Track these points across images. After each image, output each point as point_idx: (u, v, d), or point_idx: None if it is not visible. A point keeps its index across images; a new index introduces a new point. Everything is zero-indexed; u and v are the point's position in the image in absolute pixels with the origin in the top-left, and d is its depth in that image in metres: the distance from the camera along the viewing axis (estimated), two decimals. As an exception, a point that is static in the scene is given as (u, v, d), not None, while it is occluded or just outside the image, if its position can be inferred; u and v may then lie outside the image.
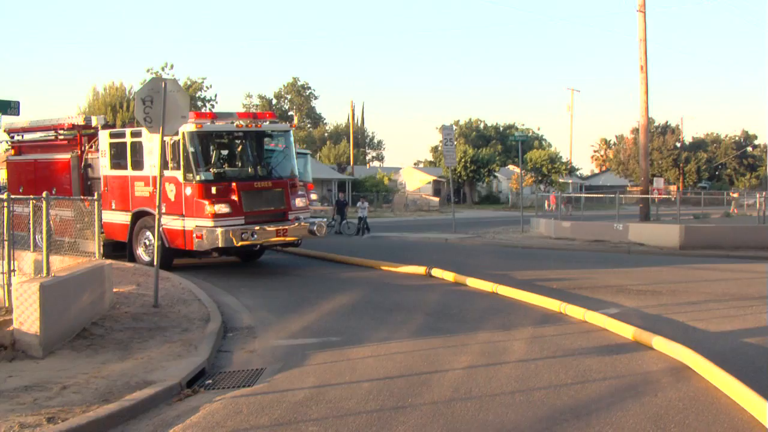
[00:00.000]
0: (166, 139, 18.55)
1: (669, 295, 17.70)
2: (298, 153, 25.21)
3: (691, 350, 10.94)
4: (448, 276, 19.42)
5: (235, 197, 19.58)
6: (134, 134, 21.21)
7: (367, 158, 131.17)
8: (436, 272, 19.98)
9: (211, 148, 20.51)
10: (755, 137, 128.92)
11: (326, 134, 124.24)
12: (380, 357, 11.33)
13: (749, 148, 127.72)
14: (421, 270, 20.47)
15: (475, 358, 11.32)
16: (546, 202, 66.68)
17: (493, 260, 24.70)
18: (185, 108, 15.13)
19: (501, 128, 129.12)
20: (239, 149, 21.21)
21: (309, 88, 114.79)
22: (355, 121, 74.63)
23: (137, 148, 21.16)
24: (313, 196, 27.01)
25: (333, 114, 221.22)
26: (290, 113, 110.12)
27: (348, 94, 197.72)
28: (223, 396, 9.26)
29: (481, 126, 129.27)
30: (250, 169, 20.89)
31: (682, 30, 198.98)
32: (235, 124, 20.42)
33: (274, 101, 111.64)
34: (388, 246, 29.96)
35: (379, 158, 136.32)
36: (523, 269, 22.47)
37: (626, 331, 12.73)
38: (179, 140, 19.34)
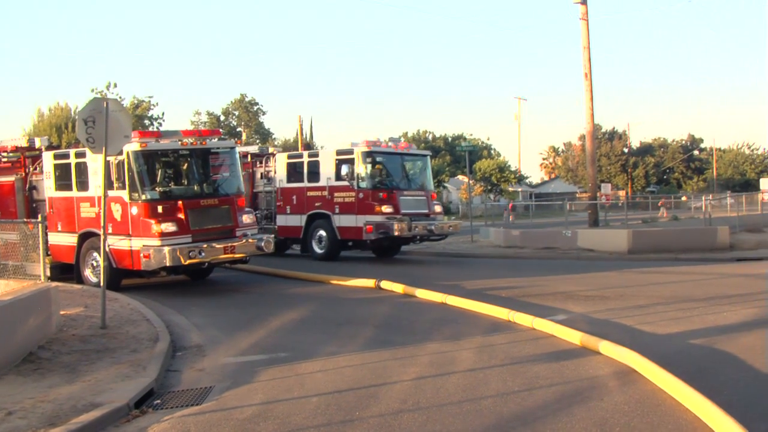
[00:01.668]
0: (111, 158, 18.44)
1: (617, 300, 17.86)
2: (416, 155, 30.37)
3: (638, 353, 11.04)
4: (398, 288, 19.42)
5: (181, 215, 19.45)
6: (78, 155, 21.04)
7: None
8: (386, 284, 19.95)
9: (157, 166, 20.32)
10: (701, 141, 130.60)
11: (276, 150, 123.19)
12: (329, 371, 11.31)
13: (696, 152, 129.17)
14: (370, 283, 20.42)
15: (424, 369, 11.34)
16: (505, 212, 67.10)
17: (443, 271, 24.83)
18: (128, 127, 15.03)
19: (449, 139, 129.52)
20: (185, 167, 21.09)
21: (257, 103, 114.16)
22: (304, 136, 74.37)
23: (82, 169, 20.96)
24: (437, 208, 29.65)
25: (282, 129, 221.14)
26: (238, 129, 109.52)
27: (296, 109, 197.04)
28: (171, 416, 9.19)
29: (430, 137, 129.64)
30: (196, 187, 20.77)
31: (627, 37, 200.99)
32: (180, 143, 20.30)
33: (223, 118, 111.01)
34: (335, 260, 29.93)
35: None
36: (473, 279, 22.53)
37: (574, 336, 12.82)
38: (124, 160, 19.20)
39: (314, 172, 29.11)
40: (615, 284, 20.84)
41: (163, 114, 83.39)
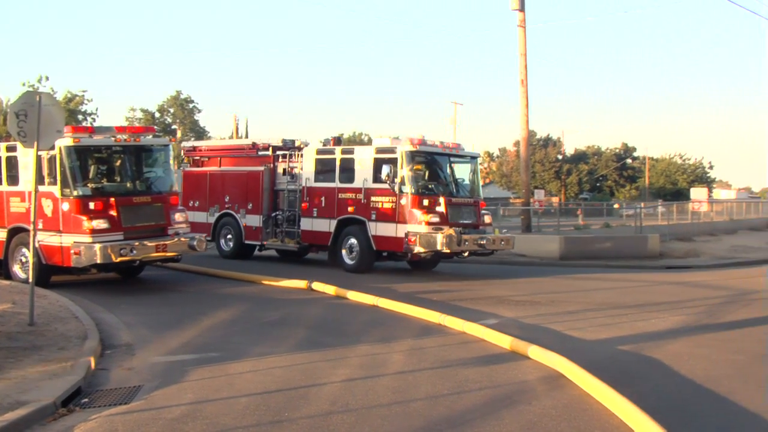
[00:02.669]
0: (43, 153, 18.16)
1: (548, 305, 18.04)
2: (466, 156, 26.43)
3: (566, 359, 11.19)
4: (330, 290, 19.37)
5: (113, 212, 19.19)
6: (9, 149, 20.70)
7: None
8: (318, 286, 19.90)
9: (89, 162, 20.05)
10: (634, 149, 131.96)
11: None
12: (259, 372, 11.26)
13: (629, 160, 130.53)
14: (302, 284, 20.35)
15: (354, 371, 11.36)
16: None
17: (377, 274, 24.73)
18: (60, 122, 14.83)
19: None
20: (118, 164, 20.85)
21: (192, 101, 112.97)
22: (239, 135, 73.93)
23: (13, 163, 20.62)
24: (486, 218, 25.81)
25: (217, 127, 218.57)
26: (173, 127, 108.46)
27: (231, 108, 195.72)
28: (99, 414, 9.08)
29: (366, 139, 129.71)
30: (129, 184, 20.50)
31: (563, 45, 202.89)
32: (113, 139, 20.06)
33: (158, 115, 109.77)
34: (268, 260, 29.71)
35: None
36: (405, 282, 22.67)
37: (504, 341, 12.92)
38: (56, 155, 18.91)
39: (348, 171, 25.42)
40: (546, 290, 21.06)
41: (96, 109, 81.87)
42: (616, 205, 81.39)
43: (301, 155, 27.42)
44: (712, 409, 9.81)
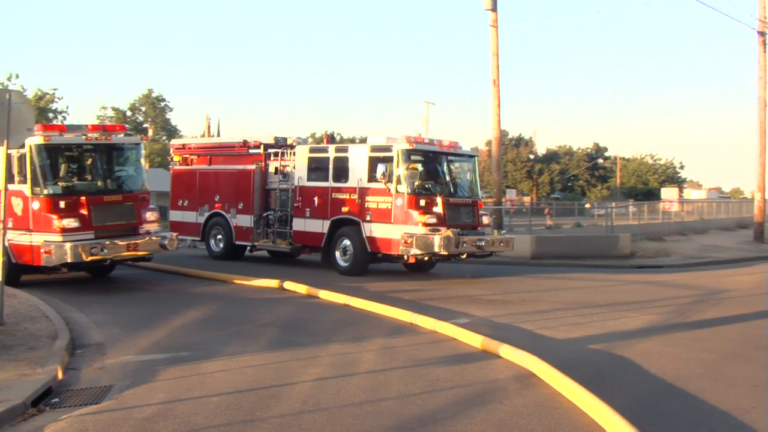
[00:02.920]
0: (12, 152, 18.06)
1: (519, 304, 18.11)
2: (464, 155, 25.75)
3: (537, 357, 11.24)
4: (301, 289, 19.35)
5: (84, 211, 19.10)
6: (-22, 147, 20.59)
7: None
8: (289, 285, 19.85)
9: (60, 161, 19.96)
10: (606, 149, 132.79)
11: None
12: (231, 371, 11.25)
13: (600, 160, 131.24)
14: (273, 283, 20.30)
15: (326, 370, 11.36)
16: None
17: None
18: (31, 120, 14.73)
19: (357, 141, 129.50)
20: (89, 162, 20.75)
21: (164, 99, 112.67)
22: (212, 134, 73.60)
23: (-19, 162, 20.51)
24: (485, 219, 24.94)
25: (189, 126, 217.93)
26: (145, 125, 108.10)
27: (204, 106, 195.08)
28: (70, 414, 9.05)
29: (338, 139, 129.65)
30: (100, 183, 20.41)
31: (536, 45, 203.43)
32: (84, 137, 19.97)
33: (129, 113, 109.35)
34: (240, 259, 29.64)
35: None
36: (377, 281, 22.67)
37: (475, 340, 12.96)
38: (26, 153, 18.82)
39: (342, 170, 24.43)
40: (517, 289, 21.12)
41: (67, 108, 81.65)
42: (587, 205, 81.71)
43: (294, 153, 26.57)
44: (682, 407, 9.87)
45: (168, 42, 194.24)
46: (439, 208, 22.59)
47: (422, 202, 22.54)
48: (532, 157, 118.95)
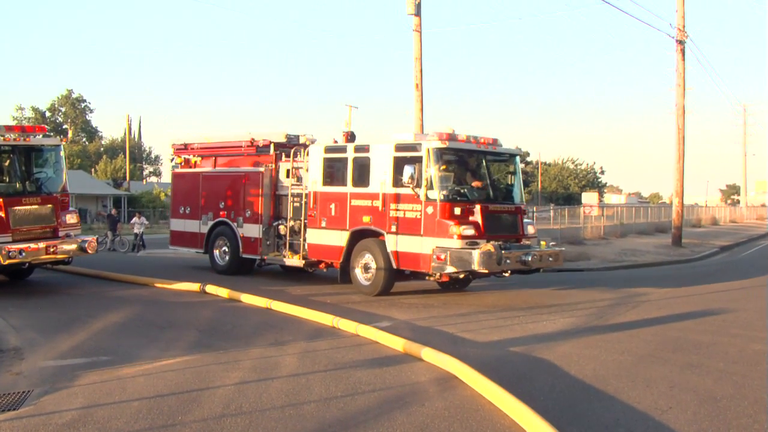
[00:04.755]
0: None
1: (440, 308, 18.18)
2: (505, 153, 21.82)
3: (458, 360, 11.29)
4: (223, 292, 19.20)
5: (2, 214, 18.78)
6: None
7: (145, 173, 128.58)
8: (211, 288, 19.70)
9: (-24, 163, 19.67)
10: (528, 154, 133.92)
11: (102, 149, 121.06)
12: (151, 375, 11.11)
13: (521, 165, 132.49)
14: (195, 287, 20.11)
15: (247, 373, 11.29)
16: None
17: (272, 278, 24.46)
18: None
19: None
20: (6, 164, 20.36)
21: (84, 100, 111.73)
22: (132, 136, 73.07)
23: None
24: (530, 228, 21.25)
25: (109, 128, 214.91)
26: (64, 126, 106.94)
27: (125, 108, 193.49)
28: (-15, 421, 8.88)
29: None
30: (18, 185, 20.05)
31: (458, 49, 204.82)
32: (2, 138, 19.64)
33: (48, 114, 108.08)
34: (163, 263, 29.39)
35: (157, 174, 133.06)
36: (299, 284, 22.56)
37: (397, 343, 12.96)
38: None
39: (362, 173, 21.00)
40: (439, 292, 21.17)
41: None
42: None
43: (308, 154, 22.94)
44: (601, 408, 9.97)
45: (88, 40, 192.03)
46: (477, 217, 19.34)
47: (457, 211, 19.21)
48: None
